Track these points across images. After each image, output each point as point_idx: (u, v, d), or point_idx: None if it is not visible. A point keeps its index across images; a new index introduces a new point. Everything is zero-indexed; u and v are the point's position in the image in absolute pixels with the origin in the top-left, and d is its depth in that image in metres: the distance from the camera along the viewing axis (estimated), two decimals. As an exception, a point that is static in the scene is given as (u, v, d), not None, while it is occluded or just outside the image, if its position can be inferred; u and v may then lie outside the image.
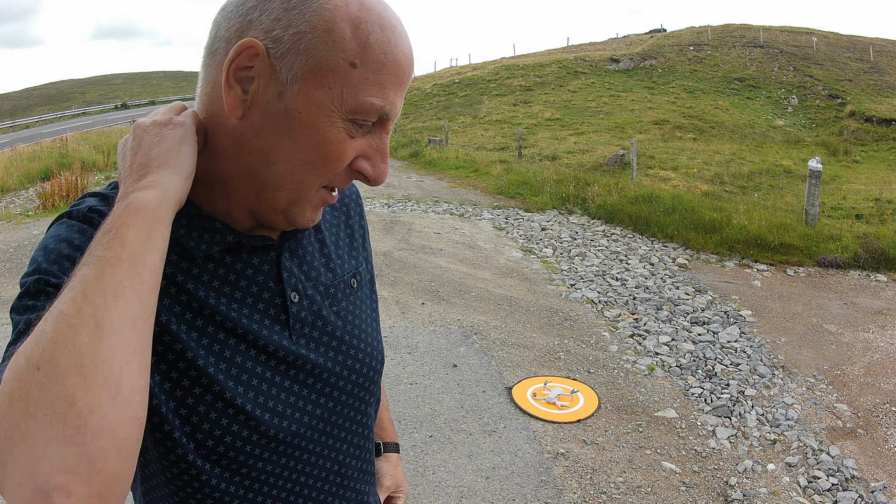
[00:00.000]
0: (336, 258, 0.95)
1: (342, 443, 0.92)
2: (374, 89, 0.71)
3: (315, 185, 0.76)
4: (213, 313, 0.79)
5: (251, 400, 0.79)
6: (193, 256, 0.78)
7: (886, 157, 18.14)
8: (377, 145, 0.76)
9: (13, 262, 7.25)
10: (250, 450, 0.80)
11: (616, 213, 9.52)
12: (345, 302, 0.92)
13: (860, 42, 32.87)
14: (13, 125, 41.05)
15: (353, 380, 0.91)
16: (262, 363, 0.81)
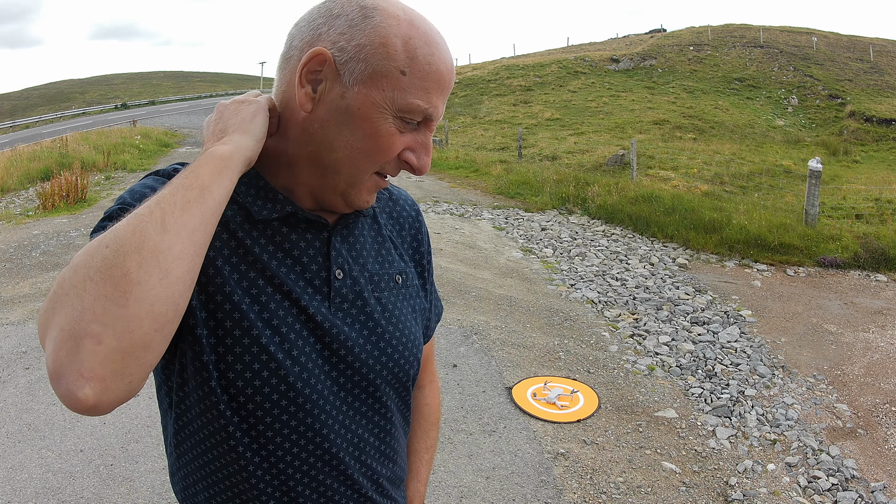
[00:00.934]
0: (387, 255, 1.04)
1: (362, 418, 0.97)
2: (419, 93, 0.85)
3: (369, 171, 0.89)
4: (265, 268, 0.89)
5: (283, 350, 0.88)
6: (255, 219, 0.91)
7: (886, 157, 18.14)
8: (422, 140, 0.90)
9: (13, 262, 7.25)
10: (275, 399, 0.88)
11: (616, 213, 9.52)
12: (388, 292, 1.01)
13: (860, 42, 32.87)
14: (13, 125, 41.03)
15: (382, 362, 0.97)
16: (301, 322, 0.90)
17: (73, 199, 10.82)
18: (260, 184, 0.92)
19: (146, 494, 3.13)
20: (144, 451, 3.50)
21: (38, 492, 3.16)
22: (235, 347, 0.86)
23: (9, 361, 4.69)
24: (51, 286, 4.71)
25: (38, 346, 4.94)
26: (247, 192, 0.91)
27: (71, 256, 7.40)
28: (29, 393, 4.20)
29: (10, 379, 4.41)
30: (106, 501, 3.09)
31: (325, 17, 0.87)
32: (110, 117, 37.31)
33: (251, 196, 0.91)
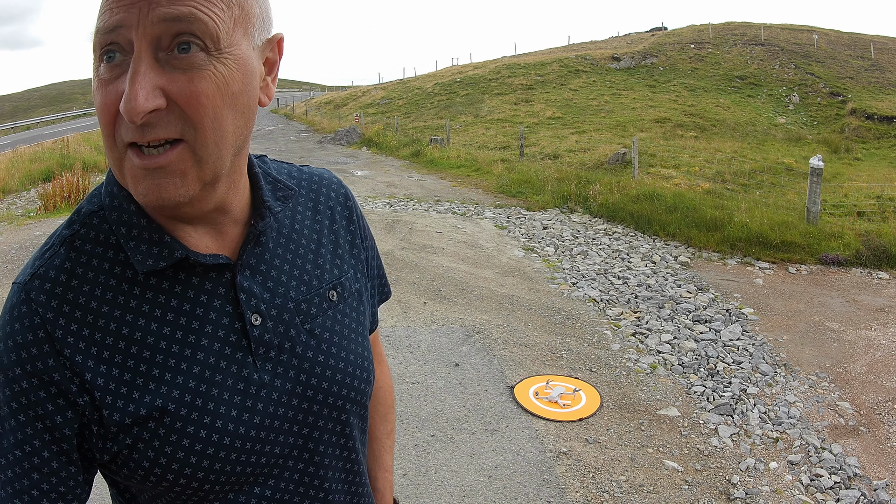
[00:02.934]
0: (314, 269, 0.88)
1: (325, 469, 0.88)
2: (98, 20, 0.67)
3: (111, 145, 0.71)
4: (166, 355, 0.76)
5: (218, 430, 0.77)
6: (138, 273, 0.76)
7: (888, 155, 18.11)
8: (130, 73, 0.65)
9: (15, 264, 7.26)
10: (224, 480, 0.78)
11: (618, 212, 9.51)
12: (321, 318, 0.86)
13: (861, 39, 32.82)
14: (14, 126, 41.08)
15: (328, 402, 0.86)
16: (227, 394, 0.78)
17: (74, 200, 10.82)
18: (142, 223, 0.76)
19: (148, 495, 3.14)
20: (147, 451, 3.51)
21: (41, 492, 3.16)
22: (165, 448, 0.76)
23: (11, 362, 4.69)
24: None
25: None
26: (127, 235, 0.76)
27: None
28: (31, 394, 4.21)
29: (13, 380, 4.42)
30: (106, 502, 3.09)
31: None
32: (111, 118, 37.33)
33: (132, 240, 0.76)
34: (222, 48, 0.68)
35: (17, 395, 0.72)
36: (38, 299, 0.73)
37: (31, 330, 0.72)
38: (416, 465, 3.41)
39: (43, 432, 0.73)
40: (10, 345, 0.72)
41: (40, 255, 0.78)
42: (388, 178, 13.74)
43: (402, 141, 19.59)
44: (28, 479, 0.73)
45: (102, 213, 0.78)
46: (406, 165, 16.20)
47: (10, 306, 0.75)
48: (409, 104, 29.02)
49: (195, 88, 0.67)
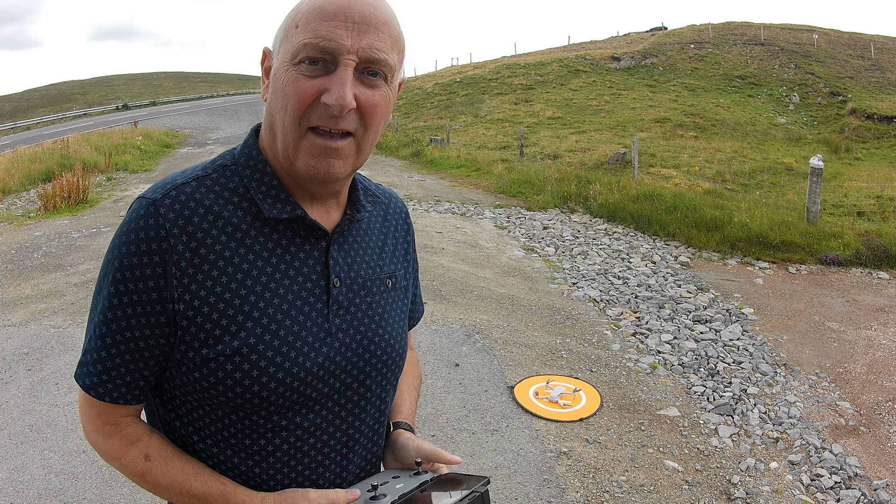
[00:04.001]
0: (379, 260, 1.12)
1: (361, 410, 1.08)
2: (307, 34, 0.90)
3: (294, 125, 0.92)
4: (268, 280, 0.97)
5: (290, 359, 0.97)
6: (265, 217, 0.97)
7: (888, 155, 18.10)
8: (337, 78, 0.90)
9: (15, 264, 7.26)
10: (279, 385, 0.96)
11: (618, 212, 9.51)
12: (378, 297, 1.09)
13: (861, 39, 32.81)
14: (14, 126, 41.08)
15: (371, 362, 1.07)
16: (306, 329, 0.99)
17: (74, 201, 10.83)
18: (274, 182, 0.99)
19: (148, 495, 3.13)
20: (147, 451, 3.50)
21: (41, 493, 3.16)
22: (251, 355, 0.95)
23: (11, 363, 4.69)
24: (52, 288, 4.71)
25: (40, 347, 4.95)
26: (258, 188, 0.98)
27: (72, 258, 7.42)
28: (31, 394, 4.21)
29: (13, 380, 4.42)
30: (108, 502, 3.09)
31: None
32: (111, 118, 37.34)
33: (261, 193, 0.98)
34: (390, 81, 0.96)
35: (131, 292, 0.91)
36: (167, 215, 0.92)
37: (156, 240, 0.91)
38: (417, 465, 3.41)
39: (146, 321, 0.92)
40: (133, 249, 0.91)
41: (172, 182, 0.96)
42: (388, 179, 13.74)
43: (402, 141, 19.58)
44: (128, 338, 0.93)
45: (236, 167, 1.00)
46: (406, 165, 16.20)
47: (137, 216, 0.92)
48: (409, 104, 29.01)
49: (375, 101, 0.94)
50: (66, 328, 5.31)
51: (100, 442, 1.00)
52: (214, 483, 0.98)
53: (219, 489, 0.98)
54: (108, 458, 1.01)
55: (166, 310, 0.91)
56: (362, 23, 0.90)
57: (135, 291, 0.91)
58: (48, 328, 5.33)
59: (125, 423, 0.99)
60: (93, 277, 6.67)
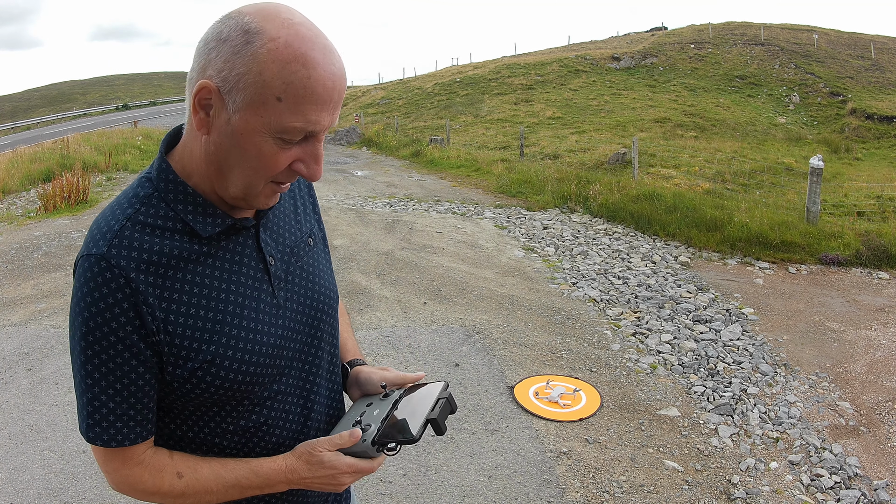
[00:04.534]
0: (295, 223, 1.22)
1: (318, 367, 1.22)
2: (295, 116, 0.93)
3: (261, 184, 1.01)
4: (219, 292, 1.06)
5: (258, 343, 1.09)
6: (201, 237, 1.04)
7: (888, 155, 18.11)
8: (311, 151, 0.99)
9: (15, 264, 7.26)
10: (255, 371, 1.08)
11: (618, 212, 9.51)
12: (306, 257, 1.21)
13: (861, 39, 32.81)
14: (14, 126, 41.08)
15: (318, 316, 1.21)
16: (262, 314, 1.10)
17: (74, 201, 10.83)
18: (198, 200, 1.04)
19: (149, 495, 3.13)
20: (147, 451, 3.50)
21: (41, 493, 3.16)
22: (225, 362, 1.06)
23: (11, 363, 4.69)
24: (53, 287, 4.70)
25: (40, 347, 4.95)
26: (185, 209, 1.04)
27: (72, 258, 7.41)
28: (31, 394, 4.21)
29: (13, 380, 4.42)
30: (108, 502, 3.09)
31: (215, 40, 0.94)
32: (111, 118, 37.33)
33: (190, 214, 1.04)
34: None
35: (113, 343, 0.97)
36: (119, 263, 0.97)
37: (120, 289, 0.96)
38: (417, 465, 3.41)
39: (136, 360, 0.99)
40: (102, 305, 0.96)
41: (109, 230, 1.00)
42: (388, 179, 13.74)
43: (402, 141, 19.59)
44: (125, 382, 1.00)
45: (157, 194, 1.04)
46: (406, 165, 16.20)
47: (93, 274, 0.97)
48: (409, 104, 29.01)
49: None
50: (66, 328, 5.31)
51: (135, 486, 1.07)
52: (240, 466, 1.09)
53: (246, 469, 1.09)
54: (147, 496, 1.09)
55: (150, 343, 0.99)
56: (338, 100, 0.96)
57: (118, 342, 0.97)
58: (48, 328, 5.33)
59: (147, 456, 1.07)
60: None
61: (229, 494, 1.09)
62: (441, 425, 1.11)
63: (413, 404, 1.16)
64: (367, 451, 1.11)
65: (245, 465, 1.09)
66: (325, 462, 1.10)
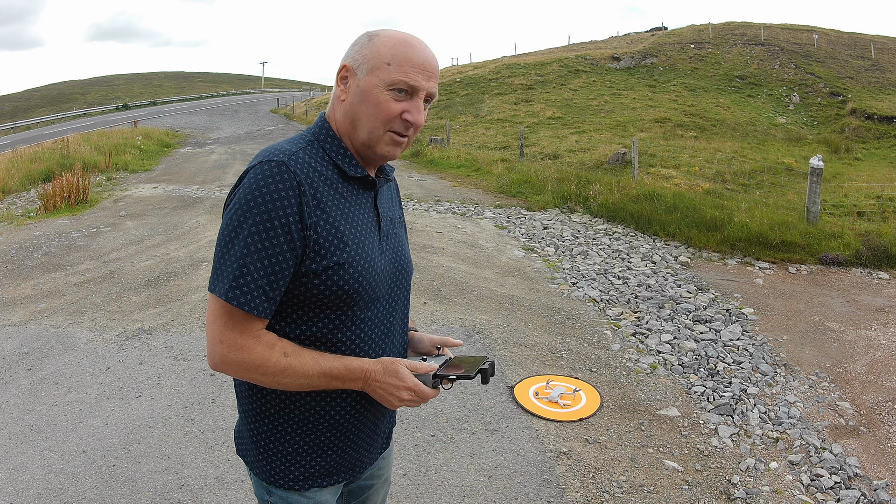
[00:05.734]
0: (392, 205, 1.61)
1: (400, 305, 1.55)
2: (399, 73, 1.34)
3: (381, 129, 1.37)
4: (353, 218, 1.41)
5: (369, 267, 1.41)
6: (348, 175, 1.41)
7: (888, 155, 18.11)
8: (415, 104, 1.38)
9: (15, 264, 7.26)
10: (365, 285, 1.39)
11: (618, 212, 9.51)
12: (399, 229, 1.60)
13: (861, 39, 32.82)
14: (14, 126, 41.06)
15: (402, 273, 1.55)
16: (372, 248, 1.44)
17: (74, 200, 10.83)
18: (347, 152, 1.42)
19: (149, 495, 3.14)
20: (147, 451, 3.51)
21: (41, 492, 3.16)
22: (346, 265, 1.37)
23: (10, 363, 4.69)
24: (53, 287, 4.69)
25: (40, 347, 4.95)
26: (337, 154, 1.41)
27: (72, 257, 7.42)
28: (31, 394, 4.21)
29: (13, 380, 4.42)
30: (108, 502, 3.09)
31: (351, 44, 1.42)
32: (111, 118, 37.32)
33: (341, 158, 1.41)
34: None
35: (276, 226, 1.26)
36: (296, 171, 1.30)
37: (294, 188, 1.28)
38: (417, 465, 3.41)
39: (288, 245, 1.28)
40: (276, 194, 1.26)
41: (288, 150, 1.34)
42: (388, 178, 13.72)
43: (402, 141, 19.57)
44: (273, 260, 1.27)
45: (317, 143, 1.41)
46: (406, 165, 16.20)
47: (273, 172, 1.28)
48: (409, 104, 28.97)
49: (425, 118, 1.42)
50: (66, 328, 5.31)
51: (243, 356, 1.29)
52: (335, 360, 1.35)
53: (340, 362, 1.35)
54: (249, 369, 1.31)
55: (302, 236, 1.28)
56: (431, 72, 1.38)
57: (280, 227, 1.25)
58: (48, 328, 5.33)
59: (263, 333, 1.31)
60: (93, 277, 6.68)
61: (319, 382, 1.34)
62: (488, 374, 1.43)
63: (463, 360, 1.49)
64: (426, 382, 1.41)
65: (338, 360, 1.36)
66: (399, 373, 1.37)
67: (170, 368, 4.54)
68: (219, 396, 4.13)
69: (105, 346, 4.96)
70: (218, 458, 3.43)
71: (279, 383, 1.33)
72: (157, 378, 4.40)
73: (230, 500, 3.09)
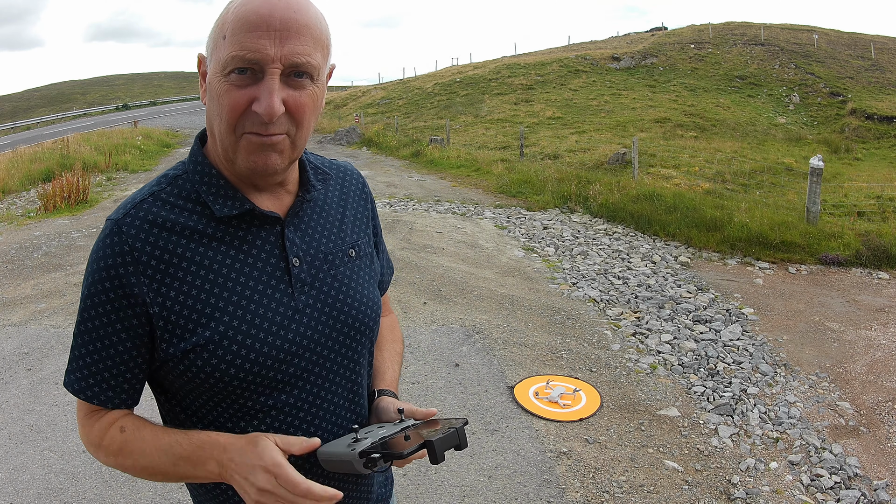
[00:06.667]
0: (339, 232, 1.17)
1: (334, 385, 1.13)
2: (234, 47, 0.94)
3: (231, 134, 0.99)
4: (229, 271, 1.04)
5: (261, 340, 1.04)
6: (217, 217, 1.04)
7: (888, 155, 18.10)
8: (266, 86, 0.95)
9: (15, 264, 7.26)
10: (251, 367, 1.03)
11: (618, 212, 9.51)
12: (342, 268, 1.15)
13: (861, 39, 32.82)
14: (14, 126, 41.06)
15: (343, 331, 1.13)
16: (271, 314, 1.05)
17: (74, 200, 10.83)
18: (220, 182, 1.05)
19: (148, 495, 3.14)
20: (147, 451, 3.50)
21: (41, 492, 3.16)
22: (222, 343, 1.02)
23: (10, 363, 4.69)
24: (53, 287, 4.70)
25: (40, 347, 4.95)
26: (207, 190, 1.05)
27: (72, 257, 7.42)
28: (31, 394, 4.21)
29: (13, 380, 4.42)
30: (108, 502, 3.09)
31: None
32: (111, 118, 37.32)
33: (211, 195, 1.05)
34: (316, 79, 1.00)
35: (104, 302, 1.00)
36: (128, 232, 1.00)
37: (121, 255, 0.99)
38: (416, 464, 3.41)
39: (121, 325, 1.01)
40: (102, 265, 0.99)
41: (132, 201, 1.04)
42: (388, 178, 13.74)
43: (402, 141, 19.58)
44: (105, 343, 1.02)
45: (186, 175, 1.07)
46: (406, 165, 16.20)
47: (104, 236, 1.01)
48: (409, 104, 29.01)
49: (303, 102, 0.99)
50: (66, 328, 5.31)
51: (87, 437, 1.09)
52: (182, 434, 1.04)
53: (182, 435, 1.03)
54: (94, 448, 1.09)
55: (140, 314, 1.00)
56: (283, 29, 0.94)
57: (108, 301, 1.00)
58: (48, 328, 5.33)
59: (111, 415, 1.08)
60: (93, 277, 6.67)
61: (163, 464, 1.03)
62: (437, 452, 0.98)
63: (421, 430, 1.06)
64: (353, 462, 1.00)
65: (186, 433, 1.03)
66: (258, 446, 0.98)
67: (170, 368, 4.54)
68: (219, 396, 4.12)
69: (105, 346, 4.96)
70: (218, 458, 3.43)
71: (124, 467, 1.07)
72: (157, 378, 4.40)
73: (230, 500, 3.09)
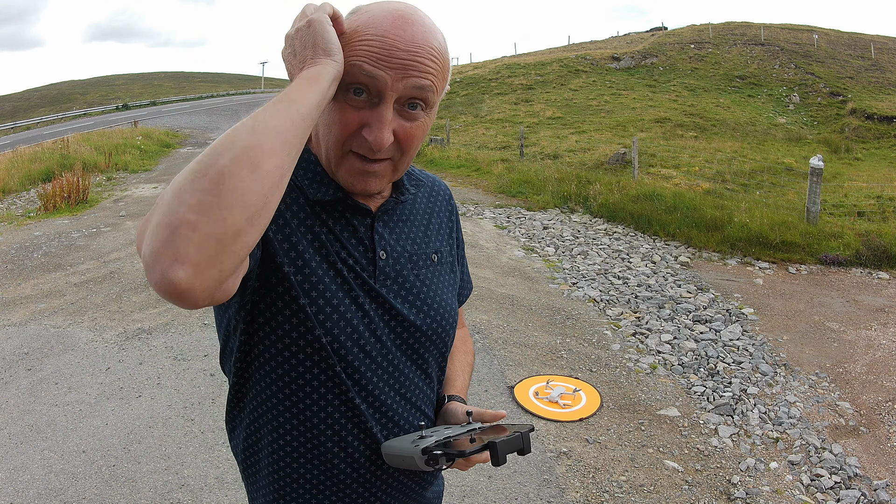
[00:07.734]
0: (424, 237, 1.19)
1: (406, 371, 1.13)
2: (354, 68, 0.93)
3: (338, 150, 0.99)
4: (322, 246, 1.03)
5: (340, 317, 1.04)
6: (310, 200, 1.04)
7: (888, 155, 18.11)
8: (377, 114, 0.95)
9: (15, 264, 7.26)
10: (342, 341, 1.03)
11: (618, 212, 9.51)
12: (424, 270, 1.16)
13: (861, 39, 32.82)
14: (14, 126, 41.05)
15: (421, 329, 1.13)
16: (350, 297, 1.05)
17: (74, 201, 10.82)
18: (318, 170, 1.06)
19: (148, 495, 3.14)
20: (146, 451, 3.50)
21: (41, 493, 3.16)
22: (318, 301, 1.02)
23: (11, 363, 4.69)
24: (53, 287, 4.71)
25: (40, 347, 4.95)
26: (304, 175, 1.06)
27: (72, 258, 7.41)
28: (31, 394, 4.21)
29: (13, 380, 4.42)
30: (108, 502, 3.09)
31: None
32: (111, 118, 37.31)
33: (307, 180, 1.06)
34: (430, 108, 1.01)
35: None
36: None
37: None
38: (417, 465, 3.41)
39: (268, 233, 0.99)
40: None
41: None
42: (388, 178, 13.72)
43: (402, 141, 19.56)
44: None
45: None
46: (406, 165, 16.18)
47: None
48: (409, 104, 28.96)
49: (413, 133, 1.00)
50: (66, 328, 5.31)
51: None
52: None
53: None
54: None
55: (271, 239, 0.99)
56: (407, 60, 0.94)
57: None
58: (48, 328, 5.33)
59: None
60: (93, 277, 6.67)
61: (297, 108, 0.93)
62: (500, 453, 0.96)
63: (487, 433, 1.05)
64: (415, 458, 1.01)
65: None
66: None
67: (170, 368, 4.54)
68: (219, 396, 4.12)
69: (105, 346, 4.96)
70: (218, 458, 3.43)
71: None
72: (157, 378, 4.40)
73: (230, 500, 3.09)
